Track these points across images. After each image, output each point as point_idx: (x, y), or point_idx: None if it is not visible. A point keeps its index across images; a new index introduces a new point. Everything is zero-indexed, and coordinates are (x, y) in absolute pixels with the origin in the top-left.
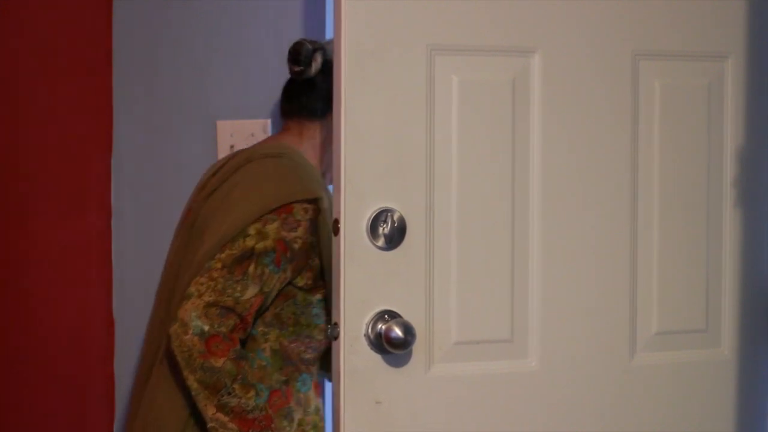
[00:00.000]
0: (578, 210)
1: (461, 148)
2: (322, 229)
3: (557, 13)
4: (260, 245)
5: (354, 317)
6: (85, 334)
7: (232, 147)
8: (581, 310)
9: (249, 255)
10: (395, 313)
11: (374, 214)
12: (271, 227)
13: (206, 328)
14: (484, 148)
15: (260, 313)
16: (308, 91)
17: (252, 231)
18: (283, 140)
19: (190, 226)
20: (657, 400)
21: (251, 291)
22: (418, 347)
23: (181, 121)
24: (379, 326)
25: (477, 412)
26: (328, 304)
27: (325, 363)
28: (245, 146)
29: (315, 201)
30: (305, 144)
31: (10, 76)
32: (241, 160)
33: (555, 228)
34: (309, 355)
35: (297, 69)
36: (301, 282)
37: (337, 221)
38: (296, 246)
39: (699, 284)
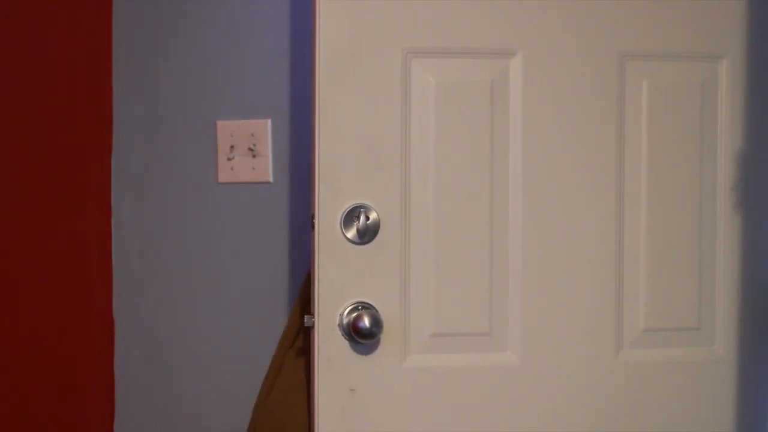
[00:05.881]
0: (562, 207)
1: (439, 146)
2: None
3: (539, 14)
4: None
5: (328, 308)
6: (85, 334)
7: (232, 147)
8: (564, 305)
9: None
10: (369, 304)
11: (348, 210)
12: None
13: None
14: (463, 147)
15: None
16: None
17: None
18: None
19: None
20: (646, 398)
21: None
22: (393, 338)
23: (181, 121)
24: (352, 317)
25: (452, 402)
26: None
27: None
28: (245, 146)
29: None
30: None
31: (9, 76)
32: None
33: (536, 225)
34: None
35: None
36: None
37: (312, 216)
38: None
39: (691, 283)
